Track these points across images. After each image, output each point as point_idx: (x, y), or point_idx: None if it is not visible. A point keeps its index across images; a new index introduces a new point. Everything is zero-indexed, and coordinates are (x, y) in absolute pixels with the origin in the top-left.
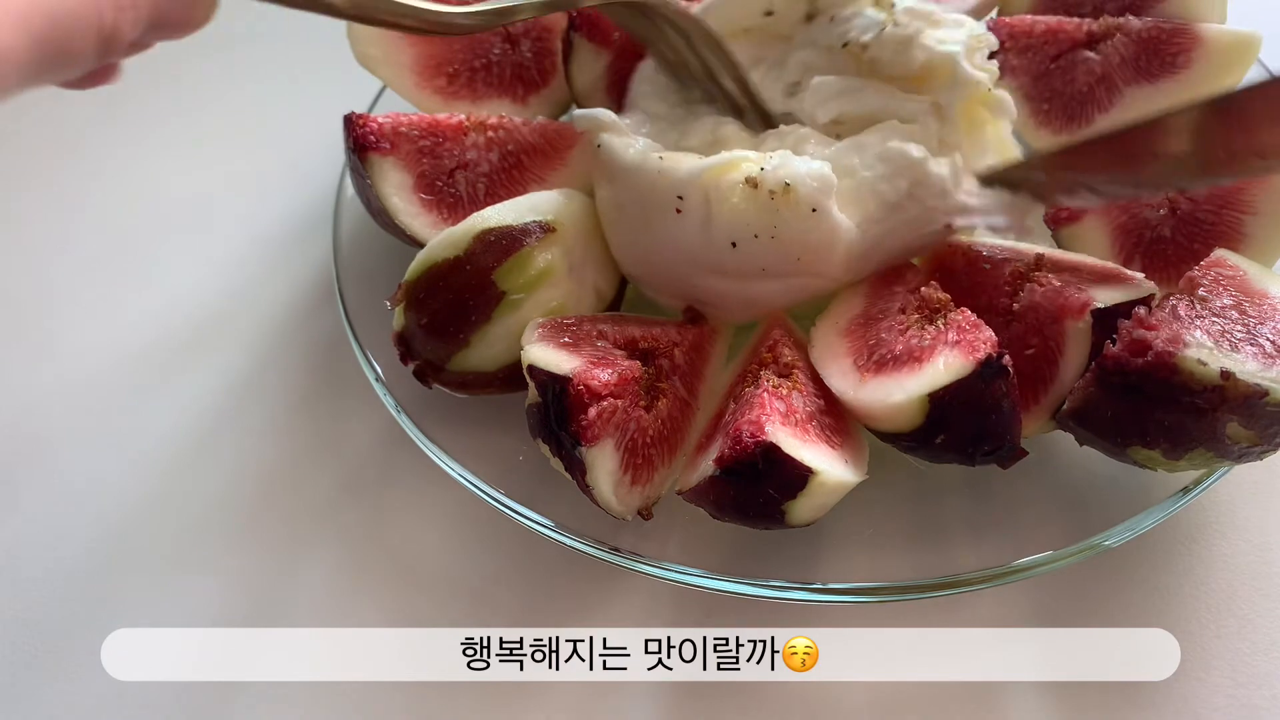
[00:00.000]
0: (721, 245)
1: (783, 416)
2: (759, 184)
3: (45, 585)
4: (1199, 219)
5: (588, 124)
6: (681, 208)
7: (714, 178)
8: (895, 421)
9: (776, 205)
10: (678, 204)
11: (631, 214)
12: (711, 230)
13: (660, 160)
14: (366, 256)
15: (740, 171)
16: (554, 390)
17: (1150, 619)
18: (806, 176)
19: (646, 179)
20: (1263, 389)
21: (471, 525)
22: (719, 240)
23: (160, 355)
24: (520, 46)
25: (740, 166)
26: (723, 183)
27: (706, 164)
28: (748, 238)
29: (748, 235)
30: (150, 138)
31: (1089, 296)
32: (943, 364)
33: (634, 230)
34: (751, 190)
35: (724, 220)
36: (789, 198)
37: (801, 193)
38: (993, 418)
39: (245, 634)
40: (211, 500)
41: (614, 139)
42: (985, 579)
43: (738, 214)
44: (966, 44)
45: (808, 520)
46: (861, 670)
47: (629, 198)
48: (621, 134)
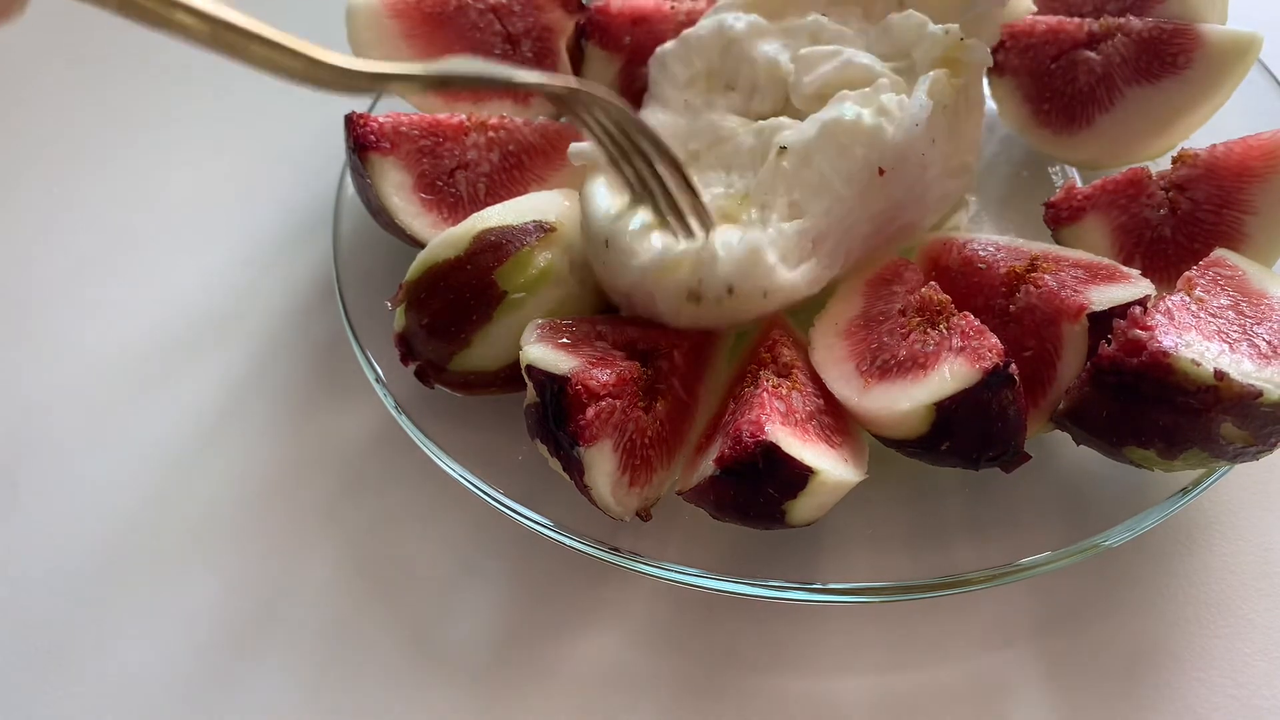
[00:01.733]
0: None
1: (783, 416)
2: (701, 297)
3: (46, 585)
4: (1199, 219)
5: (582, 159)
6: (633, 305)
7: (654, 283)
8: (900, 429)
9: (727, 307)
10: (624, 300)
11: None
12: (672, 322)
13: (605, 247)
14: (366, 257)
15: (680, 280)
16: (552, 390)
17: (1150, 619)
18: (743, 274)
19: (599, 263)
20: (1257, 389)
21: (471, 525)
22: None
23: (160, 355)
24: (521, 47)
25: (676, 273)
26: (665, 288)
27: (645, 266)
28: (713, 325)
29: (712, 325)
30: (150, 138)
31: (1084, 299)
32: (949, 372)
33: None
34: (697, 303)
35: (681, 320)
36: (737, 298)
37: (747, 290)
38: (998, 425)
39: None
40: (212, 500)
41: (593, 192)
42: (985, 579)
43: (695, 318)
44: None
45: (808, 520)
46: (861, 670)
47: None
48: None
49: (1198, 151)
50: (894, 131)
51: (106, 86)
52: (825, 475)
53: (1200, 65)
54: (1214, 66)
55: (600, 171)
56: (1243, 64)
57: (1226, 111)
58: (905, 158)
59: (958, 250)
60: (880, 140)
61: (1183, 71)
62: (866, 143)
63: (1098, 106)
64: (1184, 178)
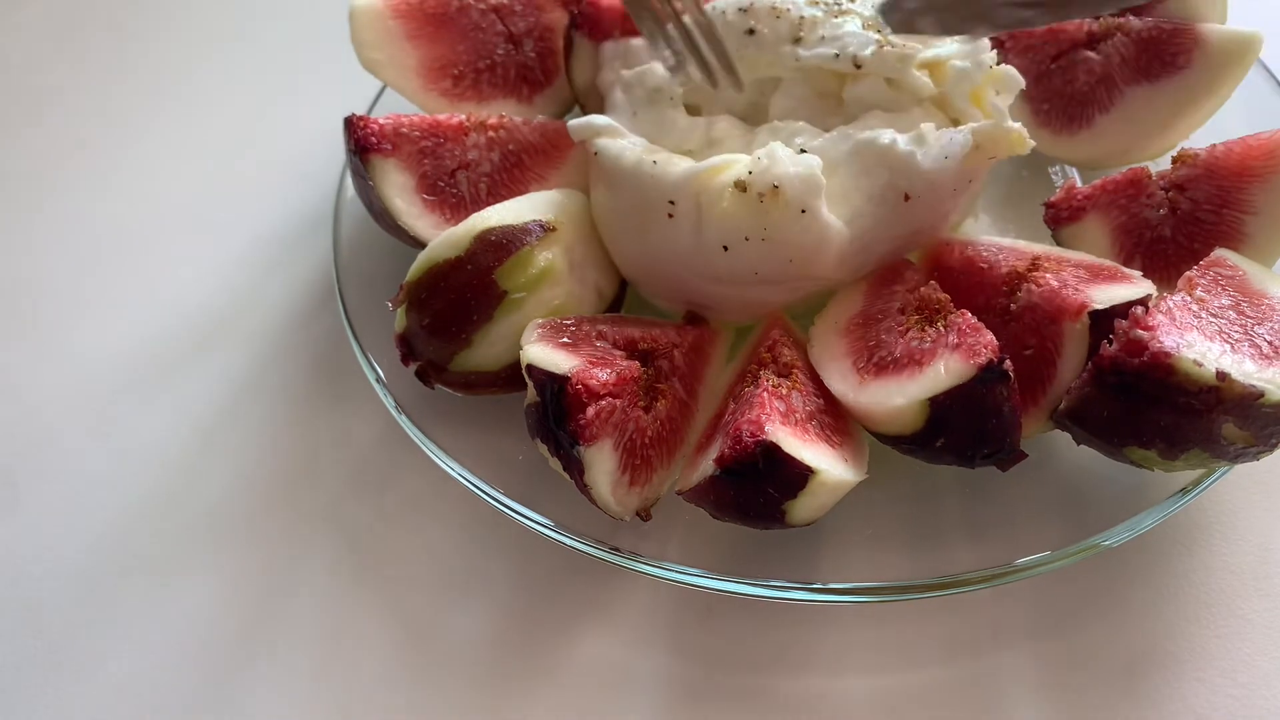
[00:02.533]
0: (713, 249)
1: (783, 416)
2: (747, 187)
3: (46, 585)
4: (1199, 219)
5: (583, 133)
6: (673, 212)
7: (704, 181)
8: (895, 424)
9: (766, 207)
10: (669, 209)
11: (627, 218)
12: (703, 234)
13: (654, 165)
14: (366, 257)
15: (729, 174)
16: (552, 389)
17: (1150, 619)
18: (794, 178)
19: (640, 183)
20: (1258, 390)
21: (471, 525)
22: (711, 244)
23: (161, 356)
24: (523, 46)
25: (729, 169)
26: (712, 186)
27: (696, 168)
28: (738, 240)
29: (738, 238)
30: (151, 139)
31: (1086, 298)
32: (943, 368)
33: (630, 235)
34: (740, 194)
35: (715, 224)
36: (778, 199)
37: (790, 194)
38: (993, 422)
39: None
40: (212, 500)
41: (609, 142)
42: (985, 579)
43: (728, 217)
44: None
45: (808, 520)
46: (862, 670)
47: (625, 202)
48: (617, 135)
49: (1198, 151)
50: (924, 160)
51: (107, 87)
52: (825, 475)
53: (1200, 65)
54: (1214, 66)
55: (604, 137)
56: (1243, 64)
57: (1226, 111)
58: (934, 189)
59: (959, 250)
60: (910, 168)
61: (1183, 71)
62: (895, 167)
63: (1098, 106)
64: (1184, 178)
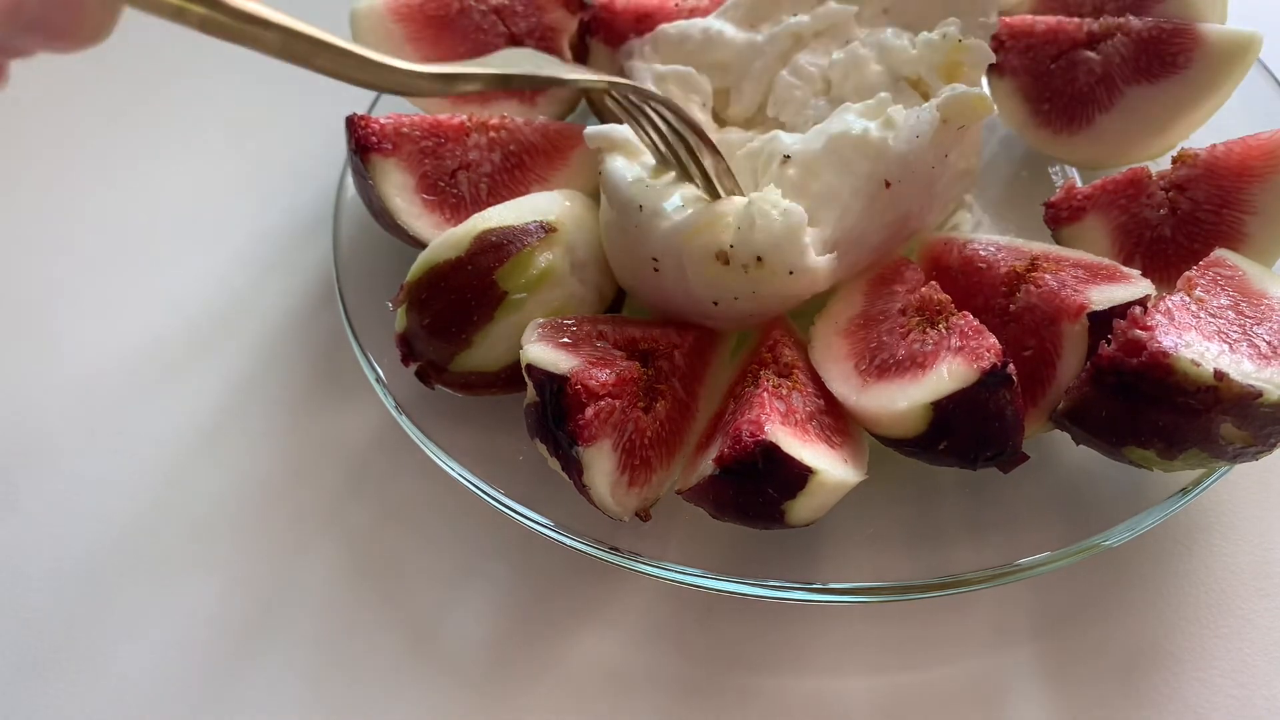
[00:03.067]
0: (703, 301)
1: (782, 416)
2: (730, 260)
3: (46, 585)
4: (1199, 219)
5: (599, 142)
6: (658, 268)
7: (685, 243)
8: (898, 428)
9: (752, 276)
10: (654, 264)
11: (622, 239)
12: (691, 289)
13: (639, 211)
14: (366, 257)
15: (711, 239)
16: (551, 389)
17: (1150, 619)
18: (776, 247)
19: (629, 224)
20: (1256, 390)
21: (471, 525)
22: (700, 298)
23: (161, 356)
24: (525, 47)
25: (709, 233)
26: (694, 252)
27: (678, 228)
28: (728, 299)
29: (728, 298)
30: (151, 138)
31: (1085, 299)
32: (946, 372)
33: (628, 259)
34: (724, 266)
35: (702, 287)
36: (763, 268)
37: (775, 262)
38: (996, 425)
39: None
40: (212, 500)
41: (615, 167)
42: (986, 579)
43: (714, 284)
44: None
45: (808, 520)
46: (862, 670)
47: (617, 229)
48: (630, 154)
49: (1197, 151)
50: (895, 143)
51: (107, 87)
52: (825, 475)
53: (1200, 65)
54: (1214, 66)
55: (618, 151)
56: (1243, 64)
57: (1226, 111)
58: (912, 170)
59: (958, 250)
60: (885, 153)
61: (1182, 71)
62: (872, 155)
63: (1098, 106)
64: (1184, 178)
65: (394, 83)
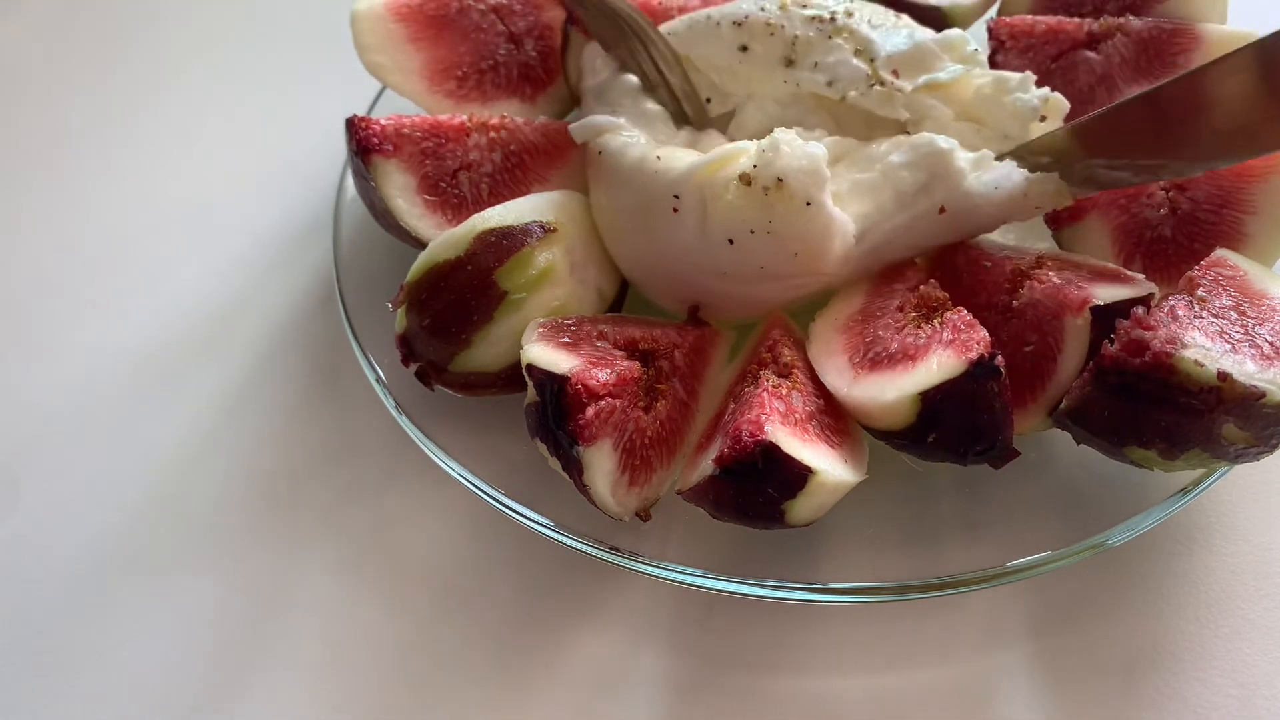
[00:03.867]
0: (719, 243)
1: (782, 416)
2: (752, 180)
3: (46, 585)
4: (1199, 219)
5: (586, 134)
6: (678, 206)
7: (709, 174)
8: (887, 419)
9: (771, 200)
10: (674, 203)
11: (630, 216)
12: (708, 228)
13: (657, 160)
14: (367, 258)
15: (734, 167)
16: (552, 389)
17: (1150, 619)
18: (798, 170)
19: (644, 179)
20: (1259, 390)
21: (471, 525)
22: (716, 238)
23: (161, 356)
24: (525, 46)
25: (734, 162)
26: (717, 179)
27: (701, 160)
28: (744, 234)
29: (744, 231)
30: (151, 139)
31: (1089, 293)
32: (935, 363)
33: (632, 233)
34: (745, 187)
35: (720, 217)
36: (783, 192)
37: (795, 186)
38: (984, 417)
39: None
40: (212, 500)
41: (613, 139)
42: (985, 579)
43: (733, 210)
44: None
45: (807, 520)
46: (862, 670)
47: (628, 199)
48: (620, 132)
49: None
50: (974, 181)
51: (107, 87)
52: (824, 475)
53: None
54: None
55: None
56: None
57: None
58: (970, 214)
59: (964, 250)
60: (957, 182)
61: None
62: (939, 174)
63: (1097, 107)
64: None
65: None
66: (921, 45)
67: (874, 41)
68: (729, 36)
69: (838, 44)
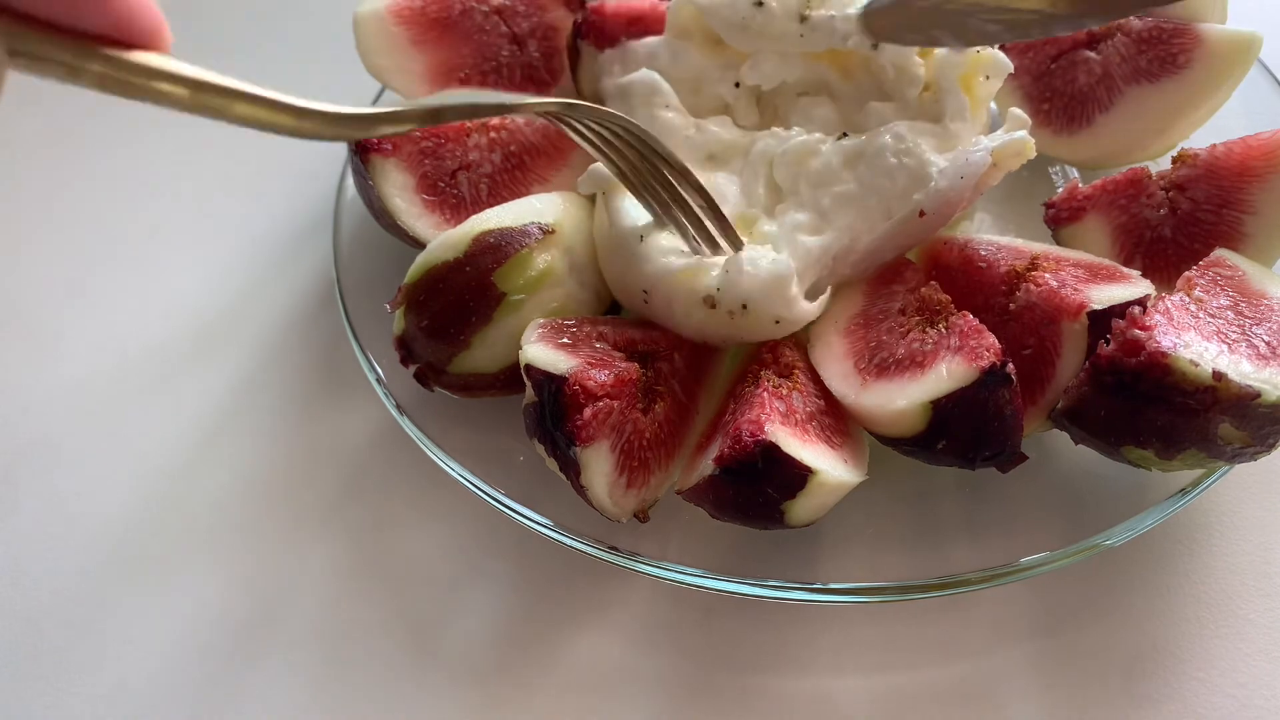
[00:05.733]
0: (692, 331)
1: (783, 416)
2: (716, 304)
3: (46, 585)
4: (1199, 219)
5: (594, 186)
6: (648, 300)
7: (675, 286)
8: (897, 427)
9: (736, 322)
10: (644, 295)
11: (617, 266)
12: (680, 324)
13: (640, 242)
14: (367, 258)
15: (699, 285)
16: (550, 390)
17: (1150, 619)
18: (762, 294)
19: (626, 254)
20: (1255, 390)
21: (471, 525)
22: (688, 330)
23: (161, 356)
24: (528, 47)
25: (699, 278)
26: (681, 293)
27: (668, 269)
28: (717, 338)
29: (717, 337)
30: (151, 139)
31: (1085, 297)
32: (945, 371)
33: (620, 283)
34: (711, 310)
35: (691, 325)
36: (748, 316)
37: (760, 311)
38: (995, 424)
39: (246, 634)
40: (212, 501)
41: (614, 197)
42: (986, 579)
43: (702, 325)
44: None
45: (807, 520)
46: (861, 670)
47: (617, 257)
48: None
49: (1197, 151)
50: (940, 180)
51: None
52: (824, 476)
53: (1200, 65)
54: (1214, 66)
55: (617, 191)
56: (1243, 64)
57: (1226, 111)
58: (948, 203)
59: (958, 249)
60: (930, 189)
61: (1182, 71)
62: (916, 184)
63: (1098, 106)
64: (1184, 178)
65: (315, 129)
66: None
67: None
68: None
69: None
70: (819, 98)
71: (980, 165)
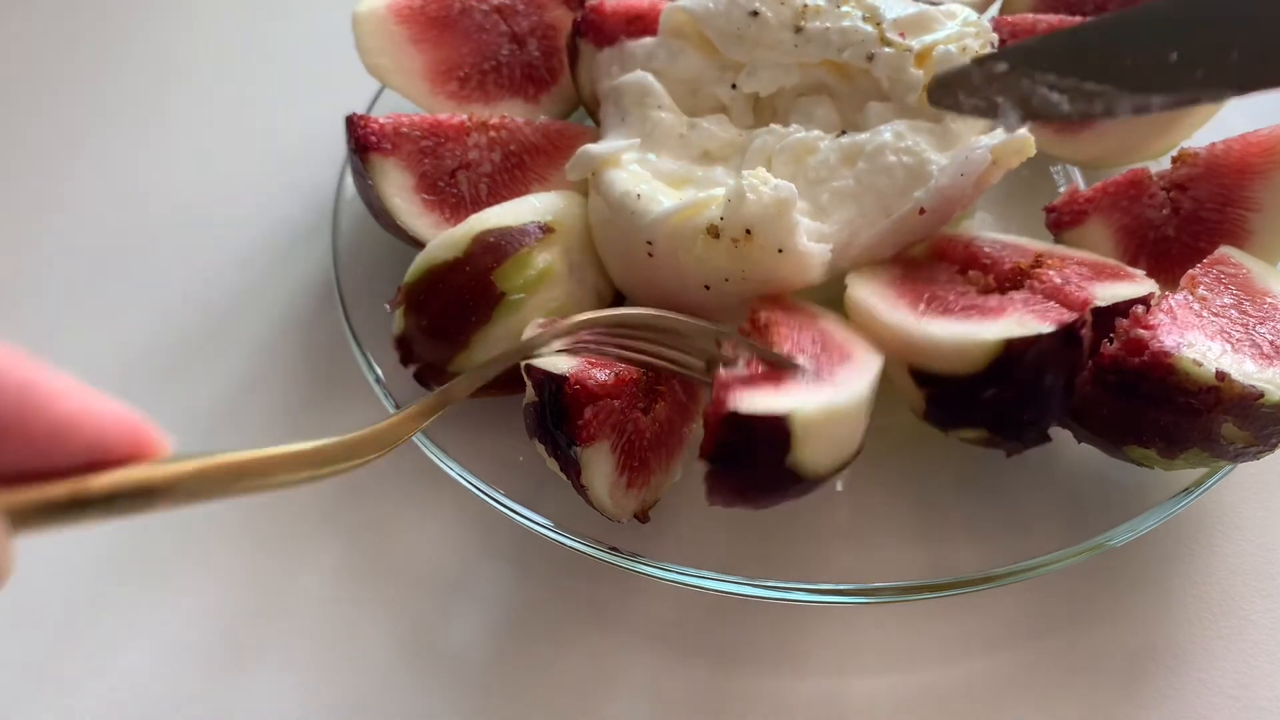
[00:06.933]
0: (695, 287)
1: (746, 383)
2: (719, 233)
3: (45, 586)
4: (1202, 218)
5: (583, 171)
6: (652, 252)
7: (677, 225)
8: (953, 359)
9: (741, 252)
10: (648, 249)
11: (617, 244)
12: (683, 276)
13: (636, 199)
14: (366, 258)
15: (702, 217)
16: (550, 389)
17: (1151, 619)
18: (766, 218)
19: (625, 218)
20: (1258, 390)
21: (471, 525)
22: (692, 283)
23: (160, 356)
24: (527, 46)
25: (703, 211)
26: (685, 230)
27: (669, 210)
28: (719, 281)
29: (718, 279)
30: (150, 139)
31: (1089, 294)
32: (1027, 316)
33: (621, 258)
34: (713, 239)
35: (692, 268)
36: (752, 244)
37: (763, 236)
38: (1055, 385)
39: (246, 634)
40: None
41: (605, 172)
42: (987, 579)
43: (704, 262)
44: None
45: (825, 465)
46: (862, 671)
47: (615, 230)
48: (614, 165)
49: (1198, 150)
50: (940, 178)
51: (106, 86)
52: (801, 411)
53: None
54: None
55: (607, 167)
56: None
57: (1227, 109)
58: (949, 202)
59: (963, 246)
60: (929, 185)
61: None
62: (916, 183)
63: None
64: (1185, 177)
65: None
66: (925, 11)
67: (880, 7)
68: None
69: (846, 10)
70: (819, 97)
71: (980, 163)
